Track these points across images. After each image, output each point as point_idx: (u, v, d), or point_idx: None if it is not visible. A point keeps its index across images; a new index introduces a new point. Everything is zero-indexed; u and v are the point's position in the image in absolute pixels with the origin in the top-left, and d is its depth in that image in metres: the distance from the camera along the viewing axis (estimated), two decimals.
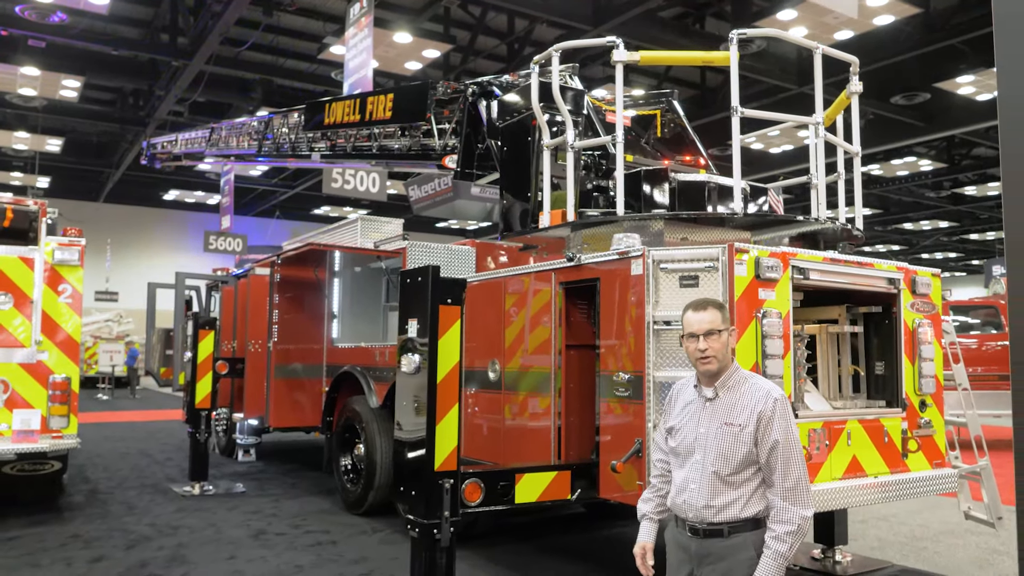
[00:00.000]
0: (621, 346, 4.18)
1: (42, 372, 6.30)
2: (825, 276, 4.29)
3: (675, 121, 6.26)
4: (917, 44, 13.80)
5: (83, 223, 27.80)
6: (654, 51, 4.54)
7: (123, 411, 17.91)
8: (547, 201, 4.83)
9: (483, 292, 5.37)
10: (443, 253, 6.36)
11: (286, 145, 10.02)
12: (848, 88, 5.00)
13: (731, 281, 3.87)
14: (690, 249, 4.05)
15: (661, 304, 4.04)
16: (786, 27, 14.65)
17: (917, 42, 13.75)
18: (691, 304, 2.71)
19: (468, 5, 15.20)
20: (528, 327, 4.91)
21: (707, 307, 2.66)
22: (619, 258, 4.22)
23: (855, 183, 5.04)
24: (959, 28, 13.31)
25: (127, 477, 8.66)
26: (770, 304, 3.97)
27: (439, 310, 3.82)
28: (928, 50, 13.88)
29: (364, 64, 11.30)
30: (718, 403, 2.63)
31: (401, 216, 25.92)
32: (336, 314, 7.64)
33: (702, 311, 2.64)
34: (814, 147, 4.74)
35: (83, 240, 6.57)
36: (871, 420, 4.42)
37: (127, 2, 15.80)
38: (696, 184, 4.90)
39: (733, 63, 4.37)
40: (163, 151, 15.63)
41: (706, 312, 2.64)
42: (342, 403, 7.27)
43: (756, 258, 3.92)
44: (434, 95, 6.90)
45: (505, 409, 5.06)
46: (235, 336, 9.01)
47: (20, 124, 22.07)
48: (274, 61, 17.96)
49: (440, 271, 3.80)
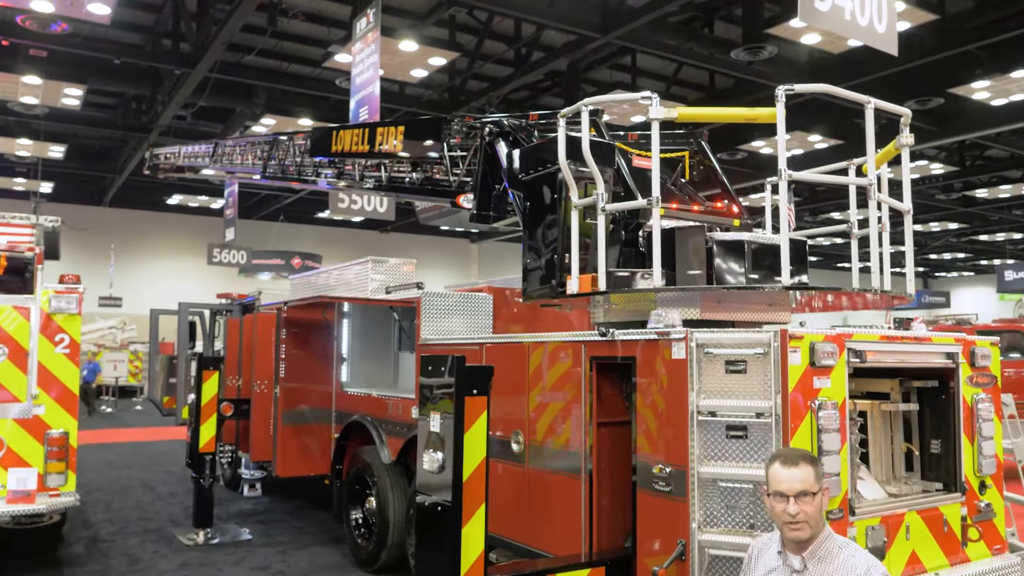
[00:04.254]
0: (660, 435, 3.84)
1: (38, 427, 5.99)
2: (882, 356, 3.94)
3: (704, 163, 5.90)
4: (932, 50, 13.50)
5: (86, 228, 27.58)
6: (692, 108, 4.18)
7: (126, 427, 17.67)
8: (575, 264, 4.48)
9: (505, 354, 5.03)
10: (458, 302, 6.02)
11: (291, 168, 9.69)
12: (898, 140, 4.64)
13: (784, 371, 3.52)
14: (738, 333, 3.70)
15: (705, 392, 3.70)
16: (798, 34, 14.32)
17: (932, 48, 13.45)
18: (779, 456, 2.36)
19: (474, 10, 14.83)
20: (555, 400, 4.58)
21: (799, 462, 2.31)
22: (658, 338, 3.88)
23: (906, 241, 4.69)
24: (975, 34, 13.14)
25: (129, 519, 8.36)
26: (826, 393, 3.62)
27: (464, 402, 3.49)
28: (943, 56, 13.58)
29: (371, 80, 10.93)
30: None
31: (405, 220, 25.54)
32: (346, 357, 7.32)
33: (793, 467, 2.29)
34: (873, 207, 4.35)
35: (81, 287, 6.25)
36: (930, 509, 4.08)
37: (129, 8, 15.46)
38: (734, 244, 4.55)
39: (780, 121, 4.01)
40: (165, 162, 15.33)
41: (798, 469, 2.29)
42: (352, 451, 6.96)
43: (811, 344, 3.58)
44: (448, 130, 6.56)
45: (529, 484, 4.73)
46: (240, 372, 8.69)
47: (23, 131, 21.79)
48: (278, 67, 17.64)
49: (465, 361, 3.47)
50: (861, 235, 5.42)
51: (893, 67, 14.51)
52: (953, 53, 13.45)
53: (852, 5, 5.45)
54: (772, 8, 13.68)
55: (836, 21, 5.45)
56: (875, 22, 5.65)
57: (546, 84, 18.23)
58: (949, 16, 13.31)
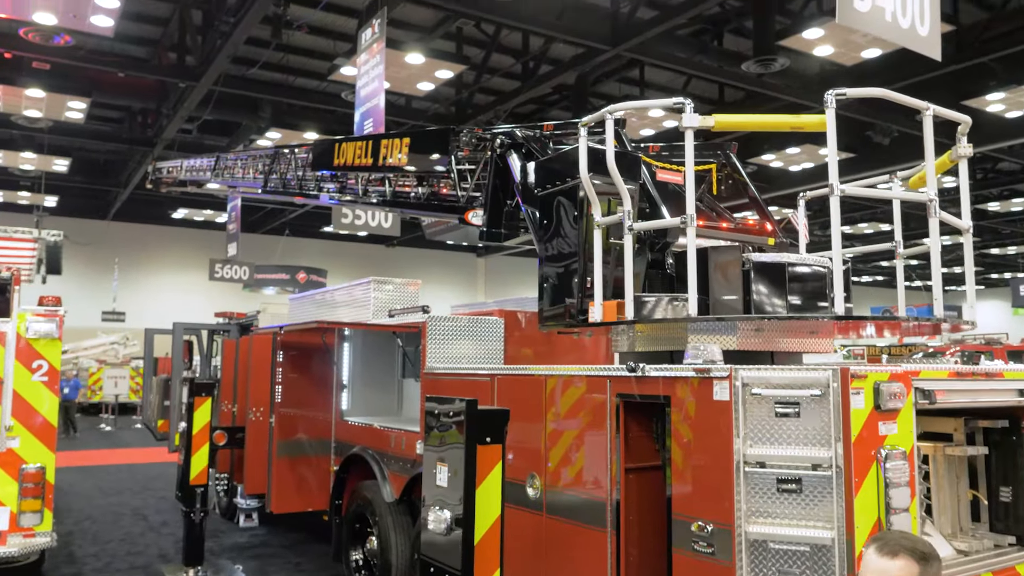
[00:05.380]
0: (700, 487, 3.36)
1: (12, 462, 5.55)
2: (951, 395, 3.46)
3: (733, 177, 5.45)
4: (947, 62, 13.16)
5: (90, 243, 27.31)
6: (728, 116, 3.72)
7: (123, 448, 17.24)
8: (598, 288, 4.03)
9: (519, 386, 4.56)
10: (467, 327, 5.56)
11: (293, 182, 9.31)
12: (955, 150, 4.18)
13: (846, 416, 3.05)
14: (790, 371, 3.23)
15: (753, 438, 3.22)
16: (811, 45, 14.01)
17: (947, 60, 13.13)
18: (876, 543, 1.91)
19: (482, 23, 14.55)
20: (576, 440, 4.10)
21: (899, 553, 1.85)
22: (696, 375, 3.40)
23: (966, 262, 4.21)
24: (990, 46, 12.98)
25: (116, 554, 7.88)
26: (892, 440, 3.14)
27: (476, 451, 3.03)
28: (958, 68, 13.26)
29: (376, 92, 10.56)
30: None
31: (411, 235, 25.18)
32: (346, 384, 6.86)
33: (890, 559, 1.84)
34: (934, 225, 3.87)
35: (62, 309, 5.82)
36: (1006, 569, 3.58)
37: (134, 21, 15.21)
38: (775, 267, 4.08)
39: (831, 129, 3.55)
40: (168, 176, 15.03)
41: (895, 562, 1.84)
42: (353, 485, 6.48)
43: (876, 384, 3.10)
44: (456, 142, 6.13)
45: (547, 535, 4.25)
46: (236, 398, 8.24)
47: (27, 144, 21.57)
48: (284, 80, 17.39)
49: (477, 404, 3.01)
50: (908, 254, 4.99)
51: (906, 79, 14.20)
52: (968, 65, 13.24)
53: (893, 6, 5.02)
54: (782, 20, 13.42)
55: (876, 23, 5.02)
56: (917, 24, 5.21)
57: (554, 97, 17.95)
58: (964, 28, 13.05)
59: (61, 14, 13.02)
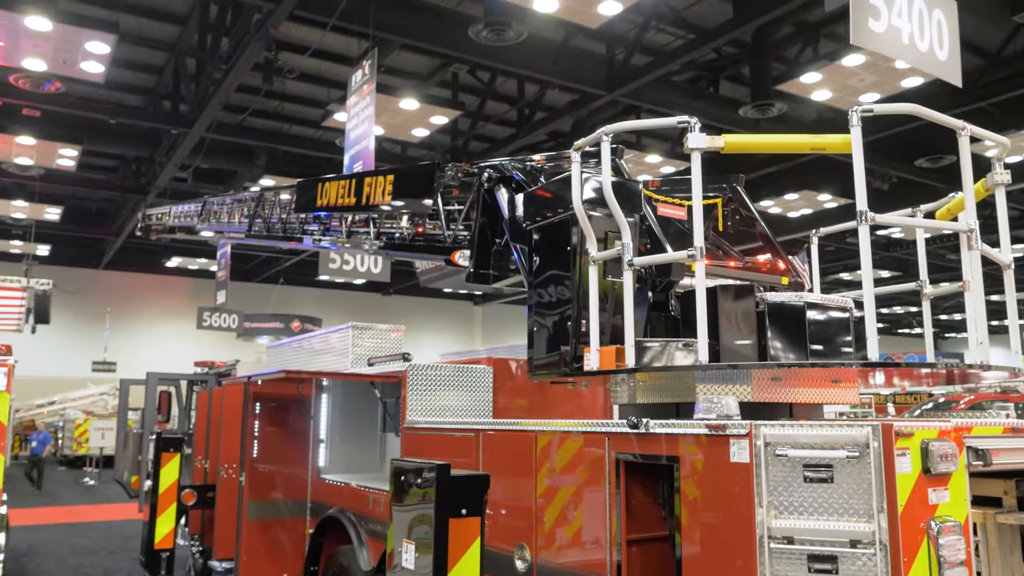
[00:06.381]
0: (716, 566, 2.84)
1: None
2: (1007, 455, 2.97)
3: (741, 211, 5.05)
4: (945, 106, 13.06)
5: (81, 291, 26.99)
6: (741, 136, 3.31)
7: (104, 503, 16.47)
8: (595, 332, 3.57)
9: (507, 444, 4.06)
10: (452, 375, 5.08)
11: (277, 225, 8.95)
12: (990, 177, 3.79)
13: (890, 482, 2.56)
14: (821, 428, 2.74)
15: (778, 508, 2.72)
16: (809, 90, 13.96)
17: (945, 104, 13.10)
18: None
19: (477, 71, 14.47)
20: (571, 506, 3.58)
21: None
22: (710, 433, 2.92)
23: (1008, 303, 3.77)
24: (989, 90, 13.07)
25: None
26: (944, 510, 2.65)
27: (448, 526, 2.53)
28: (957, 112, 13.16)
29: (366, 135, 10.30)
30: None
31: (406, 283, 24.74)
32: (323, 439, 6.33)
33: None
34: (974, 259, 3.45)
35: (11, 359, 5.35)
36: None
37: (127, 69, 15.13)
38: (792, 308, 3.64)
39: (856, 147, 3.17)
40: (157, 223, 14.74)
41: None
42: (330, 550, 5.90)
43: (923, 444, 2.62)
44: (441, 177, 5.76)
45: None
46: (208, 454, 7.69)
47: (18, 192, 21.37)
48: (278, 127, 17.30)
49: (450, 470, 2.52)
50: (935, 295, 4.56)
51: (905, 125, 14.08)
52: (966, 110, 13.18)
53: (910, 27, 4.71)
54: (779, 67, 13.36)
55: (892, 45, 4.70)
56: (935, 48, 4.90)
57: (549, 144, 17.83)
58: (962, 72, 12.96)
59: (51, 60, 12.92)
